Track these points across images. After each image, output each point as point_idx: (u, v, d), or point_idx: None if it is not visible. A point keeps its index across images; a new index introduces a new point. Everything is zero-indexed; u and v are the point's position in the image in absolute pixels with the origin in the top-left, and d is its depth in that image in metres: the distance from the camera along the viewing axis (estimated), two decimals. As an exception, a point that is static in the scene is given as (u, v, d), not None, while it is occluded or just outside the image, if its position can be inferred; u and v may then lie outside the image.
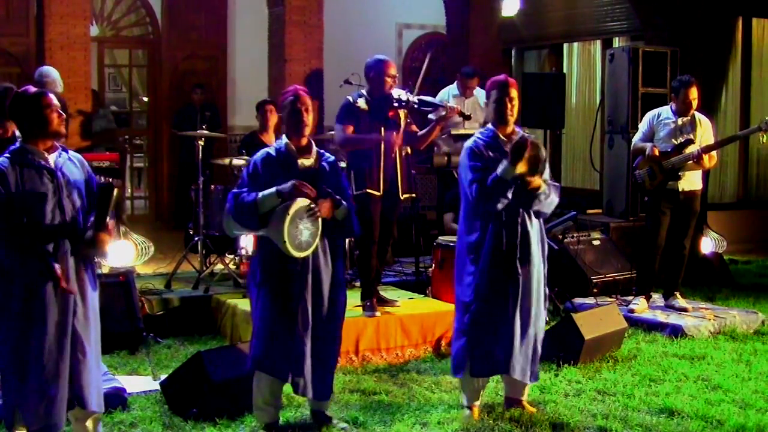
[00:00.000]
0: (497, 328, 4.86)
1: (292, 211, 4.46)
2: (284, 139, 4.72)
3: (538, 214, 4.96)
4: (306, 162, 4.69)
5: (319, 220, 4.57)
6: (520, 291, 4.85)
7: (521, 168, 4.71)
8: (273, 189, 4.52)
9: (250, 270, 4.80)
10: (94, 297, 4.15)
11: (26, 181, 3.95)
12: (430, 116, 6.56)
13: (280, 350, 4.58)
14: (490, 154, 4.87)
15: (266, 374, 4.64)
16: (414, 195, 6.53)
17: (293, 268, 4.58)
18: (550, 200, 4.92)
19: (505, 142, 4.89)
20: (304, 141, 4.72)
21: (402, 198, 6.36)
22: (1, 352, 4.01)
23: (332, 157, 4.85)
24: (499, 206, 4.81)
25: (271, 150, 4.72)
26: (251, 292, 4.74)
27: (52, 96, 4.11)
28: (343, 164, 7.20)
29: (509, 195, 4.76)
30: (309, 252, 4.58)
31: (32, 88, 4.15)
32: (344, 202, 4.69)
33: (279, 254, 4.55)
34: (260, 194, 4.52)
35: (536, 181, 4.80)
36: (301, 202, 4.50)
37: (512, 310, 4.84)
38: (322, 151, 4.82)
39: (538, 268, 4.94)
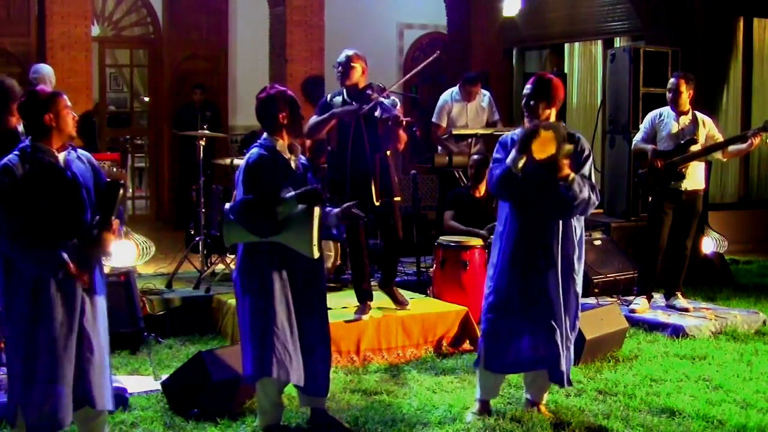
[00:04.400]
0: (511, 326, 4.81)
1: (317, 214, 4.51)
2: (266, 136, 4.70)
3: (565, 212, 4.73)
4: (294, 161, 4.69)
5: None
6: (538, 291, 4.76)
7: (540, 153, 4.53)
8: (292, 194, 4.47)
9: (240, 278, 4.67)
10: (101, 298, 4.15)
11: (35, 179, 3.95)
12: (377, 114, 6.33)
13: (285, 353, 4.54)
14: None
15: (273, 379, 4.59)
16: (398, 198, 6.34)
17: (294, 269, 4.58)
18: (583, 195, 4.64)
19: None
20: (288, 140, 4.70)
21: (376, 203, 6.21)
22: (9, 351, 4.02)
23: (303, 157, 4.81)
24: (511, 196, 4.75)
25: (262, 150, 4.64)
26: (242, 300, 4.63)
27: (65, 97, 4.11)
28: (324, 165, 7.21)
29: (519, 185, 4.64)
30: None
31: (48, 89, 4.15)
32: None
33: (280, 258, 4.54)
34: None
35: (565, 169, 4.61)
36: (318, 210, 4.57)
37: (526, 310, 4.77)
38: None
39: (563, 270, 4.79)
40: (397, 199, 6.37)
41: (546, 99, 4.84)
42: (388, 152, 6.30)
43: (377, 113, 6.13)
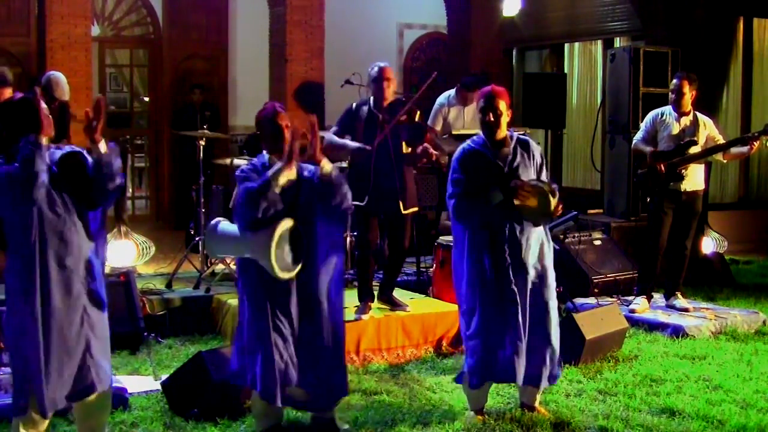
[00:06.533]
0: (489, 338, 4.81)
1: (277, 233, 4.38)
2: (266, 155, 4.66)
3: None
4: (289, 176, 4.59)
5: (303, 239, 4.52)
6: (512, 300, 4.79)
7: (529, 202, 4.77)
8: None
9: (238, 288, 4.74)
10: (99, 293, 4.15)
11: (18, 184, 3.95)
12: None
13: (273, 372, 4.46)
14: (478, 162, 4.86)
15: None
16: (416, 209, 6.49)
17: (282, 287, 4.52)
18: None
19: (497, 147, 4.89)
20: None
21: (404, 213, 6.31)
22: (6, 335, 4.05)
23: (311, 167, 4.72)
24: (481, 224, 4.82)
25: (254, 167, 4.63)
26: (241, 314, 4.66)
27: (45, 107, 4.09)
28: (344, 164, 7.22)
29: (491, 214, 4.78)
30: (296, 272, 4.50)
31: (19, 95, 4.16)
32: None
33: (266, 275, 4.48)
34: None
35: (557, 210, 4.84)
36: (285, 225, 4.43)
37: (503, 319, 4.79)
38: (301, 163, 4.69)
39: (534, 274, 4.88)
40: (416, 209, 6.46)
41: (500, 112, 4.86)
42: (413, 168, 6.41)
43: (403, 134, 6.17)
